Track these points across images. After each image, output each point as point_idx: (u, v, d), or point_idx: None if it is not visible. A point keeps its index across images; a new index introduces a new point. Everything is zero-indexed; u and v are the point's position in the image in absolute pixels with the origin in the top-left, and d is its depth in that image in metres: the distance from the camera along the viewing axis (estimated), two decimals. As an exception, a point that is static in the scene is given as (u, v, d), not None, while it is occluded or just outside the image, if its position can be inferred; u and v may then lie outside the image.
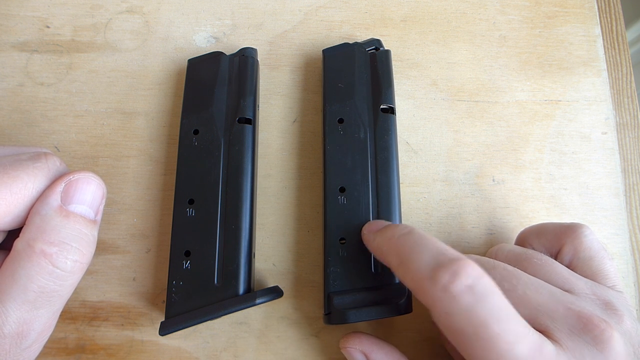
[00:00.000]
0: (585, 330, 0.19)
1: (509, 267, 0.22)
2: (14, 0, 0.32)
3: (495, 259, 0.24)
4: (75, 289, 0.26)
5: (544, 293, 0.20)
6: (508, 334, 0.18)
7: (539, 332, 0.19)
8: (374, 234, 0.24)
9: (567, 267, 0.23)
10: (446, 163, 0.30)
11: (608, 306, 0.20)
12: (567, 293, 0.21)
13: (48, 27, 0.31)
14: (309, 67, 0.31)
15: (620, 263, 0.29)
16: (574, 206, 0.29)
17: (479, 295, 0.18)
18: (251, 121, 0.27)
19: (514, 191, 0.29)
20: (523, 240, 0.26)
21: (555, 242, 0.24)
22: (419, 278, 0.19)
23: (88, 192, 0.20)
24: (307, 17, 0.32)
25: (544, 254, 0.24)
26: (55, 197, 0.19)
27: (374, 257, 0.25)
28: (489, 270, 0.21)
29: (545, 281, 0.21)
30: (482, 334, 0.18)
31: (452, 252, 0.19)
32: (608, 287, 0.22)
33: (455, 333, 0.19)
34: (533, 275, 0.22)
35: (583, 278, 0.22)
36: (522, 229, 0.29)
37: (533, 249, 0.25)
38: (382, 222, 0.24)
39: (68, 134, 0.29)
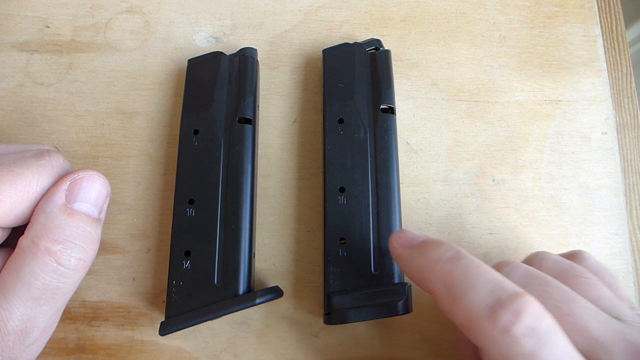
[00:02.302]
0: None
1: (563, 287, 0.20)
2: (14, 0, 0.32)
3: (539, 268, 0.22)
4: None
5: (602, 320, 0.19)
6: None
7: None
8: (410, 251, 0.21)
9: None
10: (446, 163, 0.30)
11: None
12: (617, 321, 0.19)
13: (48, 27, 0.31)
14: (309, 67, 0.31)
15: (620, 263, 0.29)
16: (574, 206, 0.29)
17: (542, 339, 0.16)
18: (251, 121, 0.27)
19: (514, 191, 0.29)
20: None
21: None
22: (474, 316, 0.17)
23: (92, 191, 0.20)
24: (307, 17, 0.32)
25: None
26: (60, 195, 0.19)
27: (374, 257, 0.25)
28: (543, 286, 0.20)
29: (594, 304, 0.20)
30: None
31: (510, 286, 0.18)
32: (630, 308, 0.21)
33: None
34: (581, 296, 0.20)
35: (624, 301, 0.21)
36: (522, 229, 0.29)
37: None
38: (414, 235, 0.22)
39: (68, 134, 0.29)
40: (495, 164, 0.30)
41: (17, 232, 0.20)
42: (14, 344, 0.18)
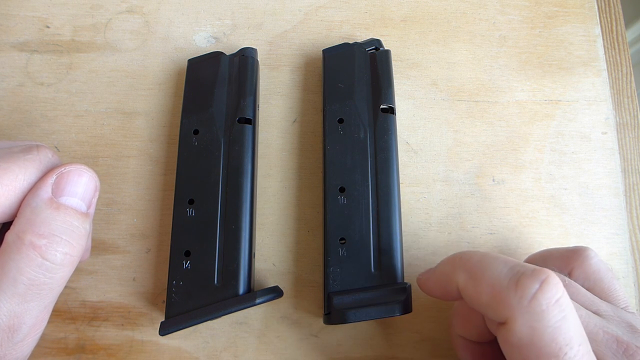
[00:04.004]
0: (627, 355, 0.18)
1: None
2: (14, 0, 0.32)
3: None
4: (75, 289, 0.27)
5: (583, 315, 0.19)
6: (584, 356, 0.17)
7: None
8: (432, 269, 0.22)
9: None
10: (446, 163, 0.30)
11: (633, 329, 0.20)
12: (596, 315, 0.20)
13: (48, 27, 0.31)
14: (309, 67, 0.31)
15: (620, 263, 0.29)
16: (574, 206, 0.29)
17: (566, 312, 0.17)
18: (251, 121, 0.27)
19: (514, 191, 0.29)
20: None
21: (563, 267, 0.24)
22: (498, 289, 0.18)
23: (80, 185, 0.20)
24: (307, 17, 0.32)
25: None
26: (46, 189, 0.19)
27: (374, 257, 0.25)
28: None
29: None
30: (564, 354, 0.16)
31: (530, 265, 0.18)
32: (622, 308, 0.22)
33: (531, 349, 0.17)
34: None
35: (603, 301, 0.22)
36: (522, 229, 0.29)
37: None
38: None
39: (68, 134, 0.29)
40: (495, 164, 0.30)
41: (5, 228, 0.20)
42: (1, 341, 0.18)
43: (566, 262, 0.24)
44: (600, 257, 0.24)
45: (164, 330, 0.24)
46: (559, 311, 0.17)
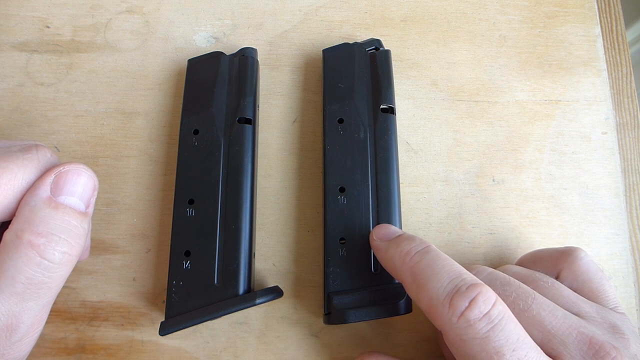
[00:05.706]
0: (597, 357, 0.19)
1: (524, 286, 0.21)
2: (14, 0, 0.32)
3: None
4: (75, 289, 0.27)
5: (558, 315, 0.20)
6: None
7: (551, 357, 0.19)
8: (386, 244, 0.23)
9: None
10: (446, 163, 0.30)
11: (615, 330, 0.20)
12: (576, 316, 0.20)
13: (48, 27, 0.31)
14: (309, 67, 0.31)
15: (620, 263, 0.29)
16: (574, 206, 0.29)
17: (494, 323, 0.18)
18: (251, 121, 0.27)
19: (514, 191, 0.29)
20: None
21: (552, 267, 0.24)
22: (434, 302, 0.19)
23: (78, 184, 0.20)
24: (307, 17, 0.32)
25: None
26: (44, 189, 0.19)
27: (374, 257, 0.25)
28: (503, 285, 0.21)
29: (553, 302, 0.21)
30: None
31: (469, 277, 0.19)
32: (610, 308, 0.22)
33: (466, 358, 0.19)
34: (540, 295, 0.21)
35: (588, 301, 0.22)
36: (522, 229, 0.29)
37: None
38: (393, 229, 0.24)
39: (68, 134, 0.29)
40: (495, 164, 0.30)
41: (4, 227, 0.20)
42: None
43: (555, 262, 0.24)
44: (590, 258, 0.24)
45: (164, 330, 0.24)
46: (486, 323, 0.18)
